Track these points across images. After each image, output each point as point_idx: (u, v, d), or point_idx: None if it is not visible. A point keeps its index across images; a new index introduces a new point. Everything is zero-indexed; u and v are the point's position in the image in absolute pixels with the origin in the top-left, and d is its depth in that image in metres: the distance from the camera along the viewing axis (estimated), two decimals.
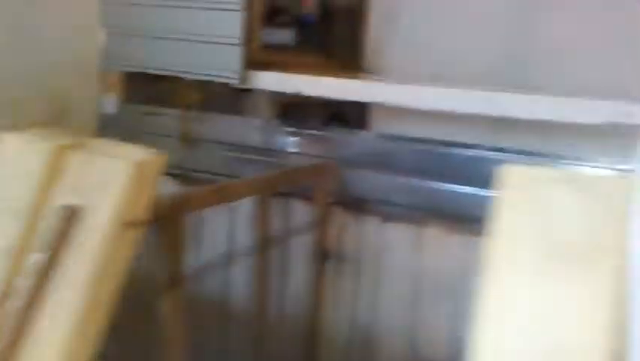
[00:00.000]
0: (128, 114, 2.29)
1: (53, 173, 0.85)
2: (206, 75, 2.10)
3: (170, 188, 2.18)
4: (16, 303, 0.79)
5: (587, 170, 0.67)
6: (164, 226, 1.30)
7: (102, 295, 0.82)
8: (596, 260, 0.60)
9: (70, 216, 0.83)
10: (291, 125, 2.07)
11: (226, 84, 2.10)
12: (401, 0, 2.64)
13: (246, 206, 1.93)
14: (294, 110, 2.29)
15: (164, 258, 1.32)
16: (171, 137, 2.20)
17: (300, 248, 1.95)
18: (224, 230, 2.10)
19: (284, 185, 1.78)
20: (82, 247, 0.82)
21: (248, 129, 2.10)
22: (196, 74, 2.11)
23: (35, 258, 0.79)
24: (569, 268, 0.60)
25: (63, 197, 0.85)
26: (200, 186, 1.75)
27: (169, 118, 2.21)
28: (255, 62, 2.09)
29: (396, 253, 1.88)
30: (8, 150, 0.87)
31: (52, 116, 2.19)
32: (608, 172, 0.64)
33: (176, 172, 2.19)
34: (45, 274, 0.80)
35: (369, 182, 1.94)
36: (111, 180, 0.82)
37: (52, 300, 0.80)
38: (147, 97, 2.29)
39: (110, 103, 2.31)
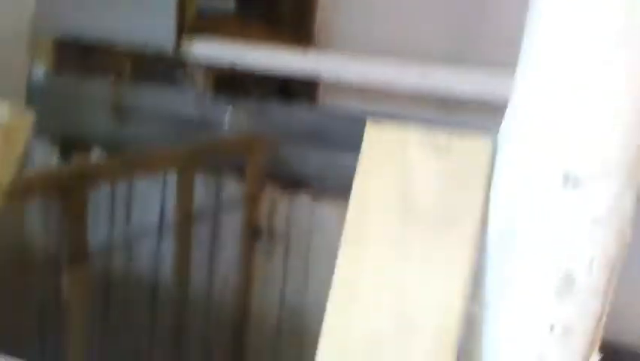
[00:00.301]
0: (57, 85, 2.18)
1: None
2: (137, 43, 2.01)
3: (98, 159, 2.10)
4: None
5: (455, 134, 0.61)
6: (65, 198, 1.23)
7: None
8: (452, 226, 0.55)
9: None
10: (226, 98, 2.00)
11: (160, 53, 2.01)
12: None
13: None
14: (236, 82, 2.21)
15: (66, 232, 1.25)
16: (102, 108, 2.11)
17: (231, 225, 1.89)
18: (155, 201, 2.02)
19: (208, 158, 1.71)
20: None
21: (181, 101, 2.02)
22: (127, 41, 2.02)
23: None
24: (425, 235, 0.55)
25: None
26: (109, 158, 1.67)
27: (100, 88, 2.11)
28: (190, 29, 2.00)
29: (326, 233, 1.83)
30: None
31: None
32: (474, 136, 0.59)
33: (107, 145, 2.11)
34: None
35: (304, 158, 1.89)
36: None
37: None
38: (79, 66, 2.19)
39: (39, 72, 2.20)
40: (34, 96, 2.22)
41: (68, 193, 1.21)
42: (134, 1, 1.98)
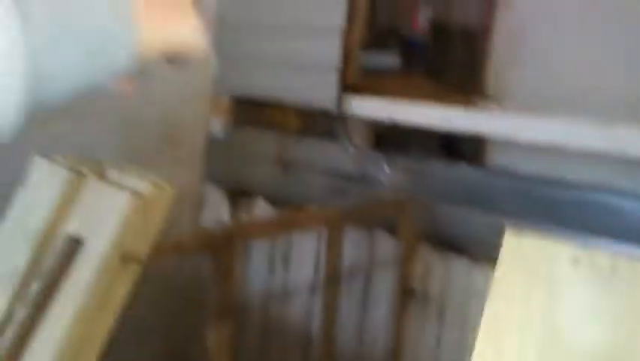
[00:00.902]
0: (233, 138, 2.35)
1: (67, 201, 0.86)
2: (303, 100, 2.09)
3: (264, 210, 2.20)
4: (11, 333, 0.80)
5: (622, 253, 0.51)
6: (216, 255, 1.29)
7: (94, 330, 0.81)
8: None
9: (71, 247, 0.83)
10: (386, 155, 1.98)
11: (323, 110, 2.07)
12: (531, 19, 2.42)
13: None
14: (397, 139, 2.19)
15: (216, 287, 1.31)
16: (269, 160, 2.22)
17: (383, 284, 1.85)
18: (311, 255, 2.05)
19: (362, 216, 1.69)
20: (78, 280, 0.81)
21: (342, 156, 2.04)
22: (294, 99, 2.11)
23: (34, 287, 0.80)
24: None
25: (71, 226, 0.85)
26: (260, 216, 1.72)
27: (268, 142, 2.23)
28: (353, 87, 2.03)
29: (484, 299, 1.69)
30: (35, 175, 0.90)
31: (165, 139, 2.32)
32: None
33: (270, 196, 2.21)
34: (41, 304, 0.80)
35: (461, 220, 1.78)
36: (112, 212, 0.81)
37: (43, 333, 0.81)
38: (252, 121, 2.34)
39: (218, 126, 2.39)
40: (213, 148, 2.41)
41: (218, 252, 1.27)
42: (301, 63, 2.07)
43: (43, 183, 0.93)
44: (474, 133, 1.86)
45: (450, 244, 1.79)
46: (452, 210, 1.80)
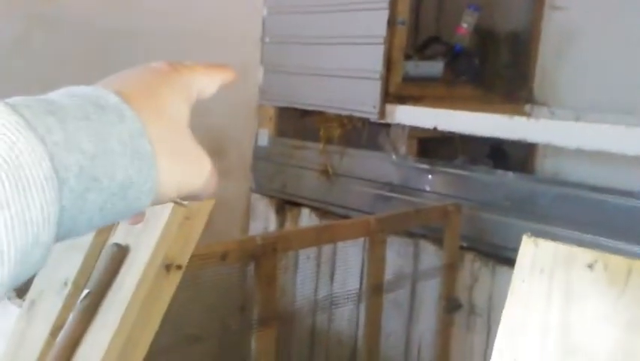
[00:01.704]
0: (278, 147, 2.38)
1: None
2: (346, 109, 2.10)
3: (308, 220, 2.21)
4: (60, 340, 0.84)
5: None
6: (259, 263, 1.31)
7: (139, 335, 0.84)
8: None
9: (118, 255, 0.86)
10: (428, 163, 1.97)
11: (366, 119, 2.08)
12: (577, 24, 2.36)
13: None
14: (441, 146, 2.18)
15: (259, 295, 1.33)
16: (313, 170, 2.24)
17: (429, 293, 1.83)
18: (356, 265, 2.05)
19: (406, 224, 1.68)
20: (124, 287, 0.85)
21: (384, 165, 2.04)
22: (337, 108, 2.13)
23: (83, 295, 0.83)
24: None
25: (118, 236, 0.88)
26: (302, 226, 1.73)
27: (312, 151, 2.25)
28: (396, 95, 2.03)
29: None
30: None
31: (213, 149, 2.37)
32: None
33: (315, 205, 2.22)
34: (89, 311, 0.84)
35: (508, 228, 1.75)
36: (154, 222, 0.83)
37: (91, 339, 0.84)
38: (295, 131, 2.37)
39: (264, 136, 2.43)
40: (259, 158, 2.45)
41: (261, 261, 1.29)
42: (344, 73, 2.08)
43: None
44: (521, 140, 1.82)
45: (497, 253, 1.76)
46: (499, 218, 1.77)
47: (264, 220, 2.39)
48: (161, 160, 0.38)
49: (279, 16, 2.34)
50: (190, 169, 0.42)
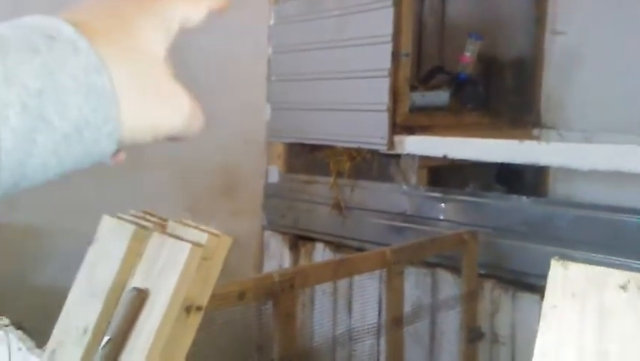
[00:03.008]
0: (288, 183, 2.39)
1: (133, 255, 0.89)
2: (354, 142, 2.11)
3: (322, 255, 2.20)
4: None
5: None
6: (277, 301, 1.30)
7: None
8: None
9: (137, 300, 0.85)
10: (440, 191, 1.96)
11: (374, 151, 2.08)
12: (579, 47, 2.38)
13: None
14: (451, 174, 2.17)
15: (278, 333, 1.31)
16: (325, 204, 2.23)
17: (449, 323, 1.80)
18: (374, 298, 2.02)
19: (416, 258, 1.67)
20: (144, 332, 0.84)
21: (396, 196, 2.04)
22: (346, 141, 2.13)
23: (104, 342, 0.82)
24: None
25: (137, 280, 0.88)
26: (319, 261, 1.71)
27: (323, 186, 2.25)
28: (404, 126, 2.04)
29: None
30: (102, 232, 0.94)
31: (224, 188, 2.38)
32: None
33: (328, 239, 2.21)
34: (109, 359, 0.82)
35: (527, 253, 1.73)
36: (173, 264, 0.83)
37: None
38: (305, 166, 2.37)
39: (274, 173, 2.43)
40: (269, 194, 2.45)
41: (279, 298, 1.28)
42: (351, 106, 2.10)
43: (110, 239, 0.97)
44: (533, 164, 1.81)
45: (517, 279, 1.73)
46: (516, 243, 1.75)
47: (278, 257, 2.38)
48: (128, 98, 0.35)
49: (284, 55, 2.37)
50: (166, 108, 0.38)
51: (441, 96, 2.20)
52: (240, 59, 2.37)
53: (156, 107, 0.38)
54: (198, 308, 0.90)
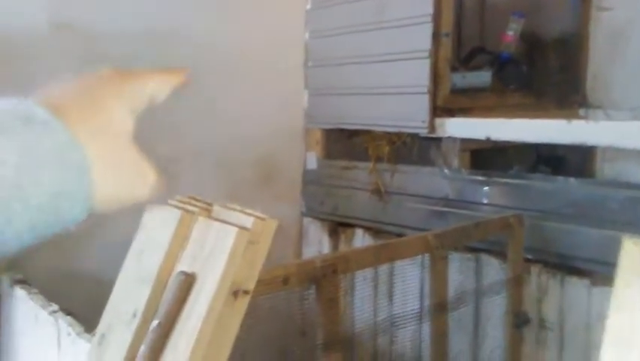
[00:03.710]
0: (327, 169, 2.37)
1: (180, 240, 0.89)
2: (394, 126, 2.07)
3: (362, 241, 2.18)
4: None
5: None
6: (320, 286, 1.29)
7: None
8: None
9: (185, 284, 0.85)
10: (483, 174, 1.91)
11: (415, 134, 2.05)
12: (626, 23, 2.29)
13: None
14: (495, 156, 2.12)
15: (322, 319, 1.30)
16: (364, 189, 2.21)
17: (495, 309, 1.76)
18: (415, 283, 2.00)
19: (459, 243, 1.63)
20: (192, 316, 0.83)
21: (437, 180, 2.00)
22: (385, 125, 2.10)
23: (153, 325, 0.82)
24: None
25: (184, 264, 0.88)
26: (360, 246, 1.69)
27: (362, 171, 2.22)
28: (445, 108, 2.00)
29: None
30: (149, 217, 0.94)
31: (264, 175, 2.38)
32: None
33: (368, 225, 2.19)
34: (159, 342, 0.83)
35: (575, 237, 1.67)
36: (220, 248, 0.83)
37: None
38: (343, 152, 2.35)
39: (312, 159, 2.42)
40: (308, 181, 2.44)
41: (322, 284, 1.26)
42: (390, 90, 2.06)
43: (156, 224, 0.97)
44: (581, 144, 1.75)
45: (565, 263, 1.68)
46: (564, 226, 1.70)
47: (318, 244, 2.37)
48: (99, 172, 0.39)
49: (321, 40, 2.35)
50: (132, 180, 0.43)
51: (483, 77, 2.14)
52: (276, 46, 2.36)
53: (124, 179, 0.42)
54: (245, 292, 0.89)
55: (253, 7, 2.27)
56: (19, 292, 1.55)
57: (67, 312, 1.37)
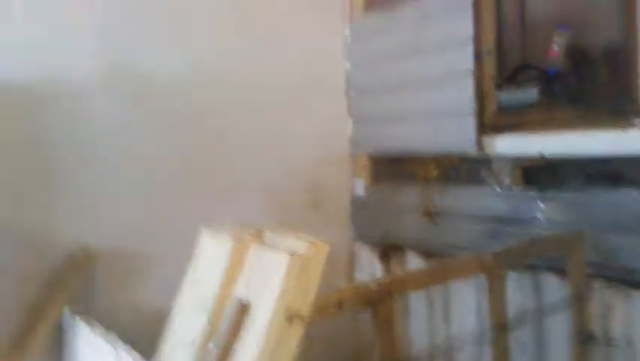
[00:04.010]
0: (375, 194, 2.37)
1: (233, 268, 0.91)
2: (442, 148, 2.06)
3: (415, 263, 2.16)
4: None
5: None
6: (376, 309, 1.28)
7: None
8: None
9: (240, 311, 0.87)
10: (537, 190, 1.87)
11: (463, 154, 2.03)
12: None
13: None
14: (548, 172, 2.07)
15: (378, 342, 1.29)
16: (414, 212, 2.19)
17: (558, 328, 1.70)
18: (472, 304, 1.95)
19: (522, 258, 1.59)
20: (249, 342, 0.85)
21: (488, 198, 1.97)
22: (433, 148, 2.09)
23: (210, 351, 0.84)
24: None
25: (239, 291, 0.90)
26: (414, 268, 1.67)
27: (411, 194, 2.21)
28: (492, 127, 1.98)
29: None
30: (202, 246, 0.97)
31: (313, 202, 2.40)
32: None
33: (419, 247, 2.17)
34: None
35: (638, 250, 1.61)
36: (274, 273, 0.84)
37: None
38: (390, 176, 2.35)
39: (360, 185, 2.42)
40: (357, 207, 2.44)
41: (377, 307, 1.26)
42: (435, 112, 2.06)
43: (211, 252, 1.00)
44: (637, 154, 1.69)
45: (629, 277, 1.61)
46: (627, 240, 1.63)
47: (369, 268, 2.36)
48: None
49: (362, 68, 2.37)
50: None
51: (530, 93, 2.11)
52: (320, 77, 2.41)
53: None
54: (300, 318, 0.90)
55: (296, 44, 2.35)
56: (80, 323, 1.60)
57: (126, 341, 1.40)
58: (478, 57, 1.91)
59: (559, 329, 1.67)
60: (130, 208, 1.97)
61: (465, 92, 1.95)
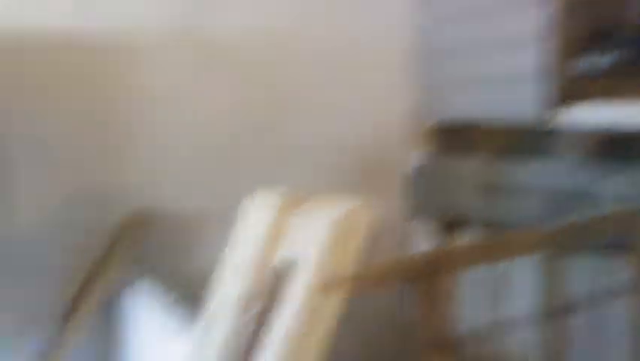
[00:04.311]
0: (437, 166, 2.30)
1: (276, 232, 0.91)
2: (510, 117, 1.96)
3: (476, 238, 2.09)
4: (235, 348, 0.86)
5: None
6: (420, 286, 1.24)
7: (304, 353, 0.83)
8: None
9: (282, 274, 0.86)
10: (610, 165, 1.75)
11: (531, 124, 1.93)
12: None
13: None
14: (622, 145, 1.94)
15: (423, 319, 1.25)
16: (478, 185, 2.11)
17: (620, 313, 1.61)
18: (530, 284, 1.87)
19: (581, 239, 1.50)
20: (289, 304, 0.84)
21: (557, 172, 1.86)
22: (501, 117, 2.00)
23: (252, 313, 0.85)
24: None
25: (283, 252, 0.89)
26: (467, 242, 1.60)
27: (475, 166, 2.13)
28: (566, 96, 1.86)
29: None
30: (249, 209, 0.97)
31: (372, 172, 2.35)
32: None
33: (482, 223, 2.09)
34: (258, 328, 0.85)
35: None
36: (316, 237, 0.83)
37: (259, 356, 0.84)
38: (455, 146, 2.27)
39: (419, 156, 2.36)
40: (417, 178, 2.38)
41: (423, 281, 1.21)
42: (505, 78, 1.96)
43: (256, 216, 0.99)
44: None
45: None
46: None
47: (427, 242, 2.30)
48: None
49: (428, 31, 2.28)
50: None
51: (610, 59, 1.96)
52: (381, 39, 2.34)
53: None
54: (341, 280, 0.88)
55: (357, 6, 2.28)
56: (139, 286, 1.66)
57: (180, 298, 1.44)
58: (557, 20, 1.79)
59: (621, 314, 1.58)
60: (189, 170, 1.99)
61: (540, 58, 1.83)
